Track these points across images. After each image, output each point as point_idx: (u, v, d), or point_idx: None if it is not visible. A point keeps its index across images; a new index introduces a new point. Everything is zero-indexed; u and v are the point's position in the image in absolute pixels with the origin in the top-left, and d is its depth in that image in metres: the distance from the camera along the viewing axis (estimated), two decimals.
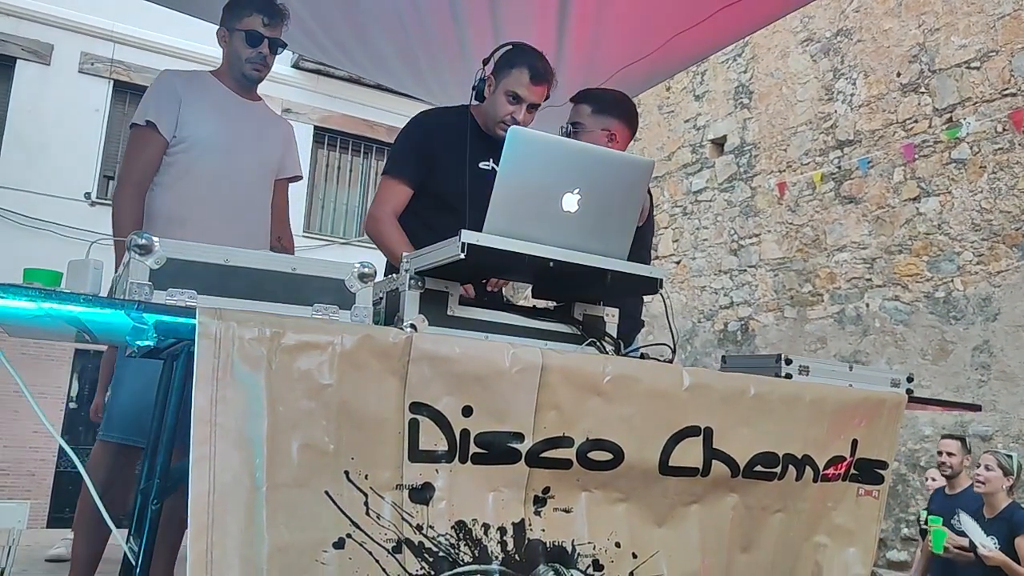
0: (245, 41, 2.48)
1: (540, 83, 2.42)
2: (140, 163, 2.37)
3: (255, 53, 2.50)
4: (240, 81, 2.54)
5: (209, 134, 2.41)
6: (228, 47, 2.53)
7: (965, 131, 7.22)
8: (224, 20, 2.55)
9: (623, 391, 1.51)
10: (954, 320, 7.16)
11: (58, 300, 1.16)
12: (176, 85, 2.45)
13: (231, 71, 2.54)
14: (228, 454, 1.18)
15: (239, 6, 2.52)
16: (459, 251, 1.49)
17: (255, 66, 2.52)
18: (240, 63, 2.51)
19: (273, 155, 2.62)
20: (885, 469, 1.83)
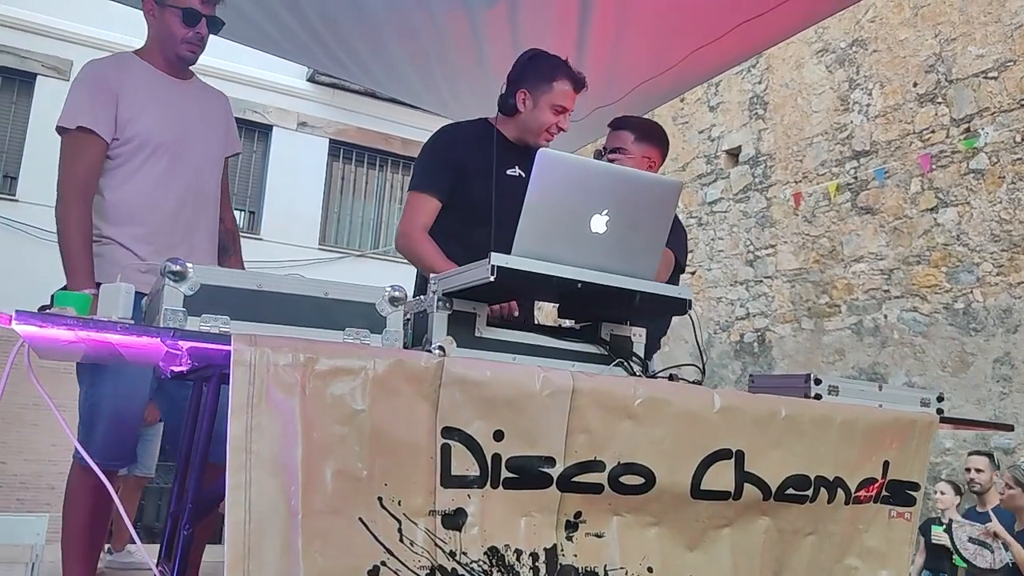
0: (182, 20, 2.25)
1: (580, 90, 2.52)
2: (81, 171, 2.16)
3: (192, 33, 2.27)
4: (173, 62, 2.32)
5: (153, 127, 2.23)
6: (158, 23, 2.29)
7: (983, 141, 7.17)
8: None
9: (654, 414, 1.51)
10: (974, 332, 7.09)
11: (96, 329, 1.16)
12: (109, 79, 2.23)
13: (162, 50, 2.30)
14: (264, 481, 1.18)
15: None
16: (489, 274, 1.50)
17: (191, 47, 2.30)
18: (174, 43, 2.28)
19: (219, 135, 2.44)
20: (917, 491, 1.81)
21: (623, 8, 3.03)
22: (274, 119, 9.80)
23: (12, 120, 8.83)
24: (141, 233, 2.19)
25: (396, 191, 11.10)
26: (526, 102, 2.48)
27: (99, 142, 2.17)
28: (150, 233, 2.20)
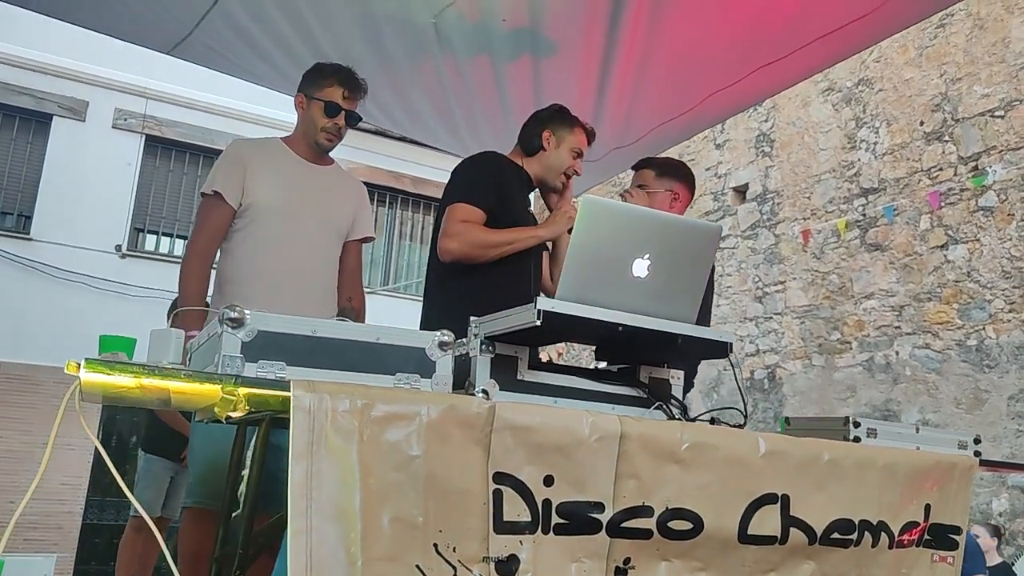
0: (324, 111, 2.51)
1: (591, 142, 2.75)
2: (206, 231, 2.44)
3: (331, 123, 2.53)
4: (312, 147, 2.58)
5: (272, 200, 2.45)
6: (304, 113, 2.57)
7: (991, 179, 7.23)
8: (303, 86, 2.59)
9: (701, 458, 1.51)
10: (988, 368, 7.08)
11: (160, 376, 1.17)
12: (243, 154, 2.51)
13: (304, 137, 2.57)
14: (324, 528, 1.19)
15: (320, 75, 2.56)
16: (535, 318, 1.51)
17: (328, 135, 2.55)
18: (314, 131, 2.54)
19: (341, 217, 2.64)
20: (959, 534, 1.80)
21: (644, 58, 3.09)
22: None
23: (27, 160, 8.96)
24: (247, 297, 2.29)
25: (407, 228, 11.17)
26: (551, 141, 2.64)
27: (226, 208, 2.43)
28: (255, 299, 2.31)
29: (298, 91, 2.61)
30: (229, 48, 3.42)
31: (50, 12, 3.30)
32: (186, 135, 9.45)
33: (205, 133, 9.49)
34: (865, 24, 2.93)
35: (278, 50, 3.39)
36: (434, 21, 2.87)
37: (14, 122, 8.97)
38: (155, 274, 8.84)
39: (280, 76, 3.70)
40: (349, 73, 2.57)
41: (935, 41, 7.83)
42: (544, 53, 3.09)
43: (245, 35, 3.29)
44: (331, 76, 2.55)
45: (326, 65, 2.62)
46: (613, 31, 2.93)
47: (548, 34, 2.96)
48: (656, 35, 2.95)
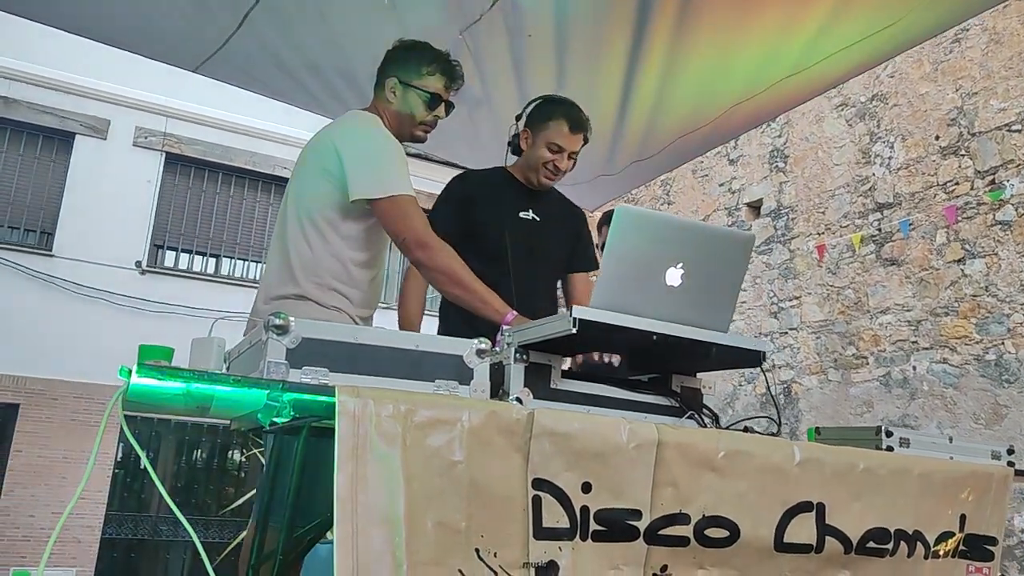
0: (426, 103, 2.33)
1: (578, 131, 2.54)
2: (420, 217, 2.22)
3: (432, 117, 2.35)
4: (400, 138, 2.35)
5: None
6: (400, 102, 2.34)
7: (1009, 193, 7.20)
8: (396, 70, 2.35)
9: (737, 467, 1.51)
10: (1007, 383, 7.02)
11: (209, 381, 1.19)
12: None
13: (397, 126, 2.34)
14: (370, 532, 1.20)
15: (418, 60, 2.35)
16: (571, 326, 1.53)
17: (427, 129, 2.38)
18: (412, 124, 2.35)
19: None
20: (995, 546, 1.79)
21: (666, 71, 3.12)
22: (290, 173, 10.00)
23: (50, 178, 9.09)
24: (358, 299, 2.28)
25: None
26: (527, 140, 2.59)
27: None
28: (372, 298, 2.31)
29: (388, 74, 2.37)
30: (255, 66, 3.47)
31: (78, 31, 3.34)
32: (205, 152, 9.56)
33: (224, 151, 9.60)
34: (884, 37, 2.96)
35: (305, 68, 3.43)
36: (461, 37, 2.90)
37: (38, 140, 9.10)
38: (174, 290, 8.92)
39: (306, 94, 3.75)
40: (448, 59, 2.39)
41: (951, 56, 7.83)
42: (568, 68, 3.12)
43: (273, 54, 3.34)
44: (433, 63, 2.35)
45: (423, 47, 2.40)
46: (637, 46, 2.95)
47: (573, 48, 2.99)
48: (679, 49, 2.98)
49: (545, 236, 2.54)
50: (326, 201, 2.19)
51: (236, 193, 9.90)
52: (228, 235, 9.78)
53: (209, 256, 9.71)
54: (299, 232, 2.22)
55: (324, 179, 2.19)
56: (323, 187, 2.19)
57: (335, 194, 2.17)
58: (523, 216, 2.56)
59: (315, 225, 2.20)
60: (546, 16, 2.81)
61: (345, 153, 2.16)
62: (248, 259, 9.88)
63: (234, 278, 9.71)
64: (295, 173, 2.36)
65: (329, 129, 2.32)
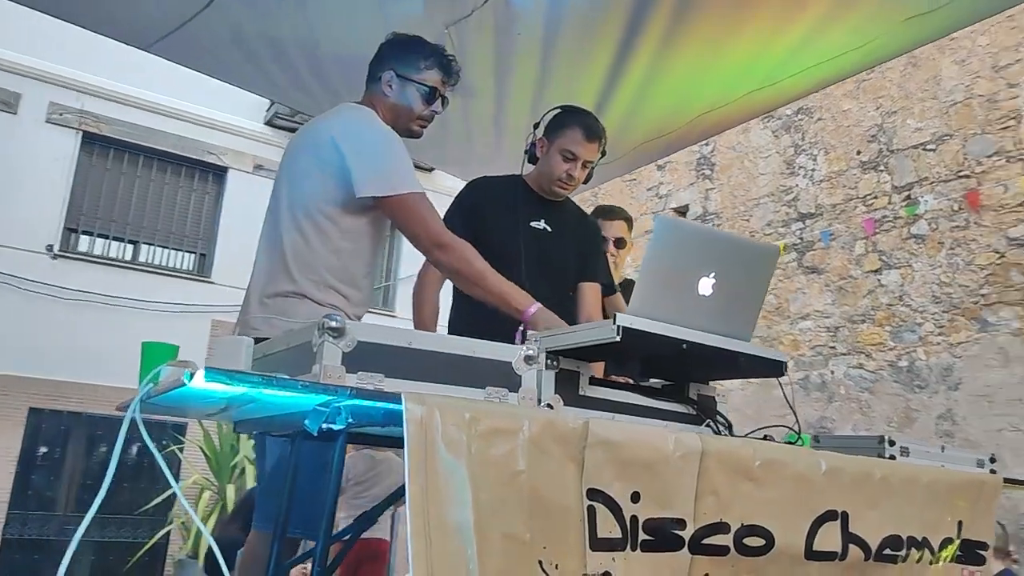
0: (423, 97, 2.28)
1: (593, 140, 2.53)
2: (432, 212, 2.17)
3: (429, 111, 2.31)
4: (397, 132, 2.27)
5: None
6: (396, 96, 2.29)
7: (923, 208, 7.61)
8: (393, 63, 2.30)
9: (772, 476, 1.53)
10: (918, 388, 7.42)
11: (280, 386, 1.12)
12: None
13: (393, 120, 2.27)
14: (444, 545, 1.15)
15: (416, 54, 2.31)
16: (615, 334, 1.52)
17: (424, 124, 2.34)
18: (409, 118, 2.30)
19: None
20: (986, 550, 1.88)
21: (648, 79, 3.15)
22: (229, 161, 9.63)
23: None
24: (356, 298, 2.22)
25: None
26: (543, 148, 2.58)
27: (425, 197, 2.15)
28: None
29: (384, 67, 2.31)
30: (218, 49, 3.31)
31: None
32: (127, 133, 9.06)
33: (148, 132, 9.12)
34: (853, 57, 3.07)
35: (272, 56, 3.31)
36: (447, 31, 2.84)
37: None
38: (90, 277, 8.43)
39: (269, 82, 3.61)
40: (445, 53, 2.35)
41: (872, 75, 8.20)
42: (550, 71, 3.10)
43: (239, 38, 3.20)
44: (430, 57, 2.31)
45: (420, 42, 2.35)
46: (622, 55, 2.97)
47: (558, 52, 2.98)
48: (661, 61, 3.01)
49: (556, 246, 2.52)
50: (325, 196, 2.11)
51: (159, 177, 9.41)
52: (149, 221, 9.29)
53: (127, 242, 9.20)
54: (294, 228, 2.13)
55: (322, 173, 2.11)
56: (321, 182, 2.11)
57: (335, 189, 2.09)
58: (534, 225, 2.53)
59: (313, 221, 2.12)
60: (537, 18, 2.79)
61: (346, 147, 2.08)
62: (170, 247, 9.43)
63: (154, 266, 9.25)
64: (286, 167, 2.26)
65: (324, 122, 2.22)
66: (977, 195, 7.08)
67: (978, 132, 7.22)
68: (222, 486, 7.21)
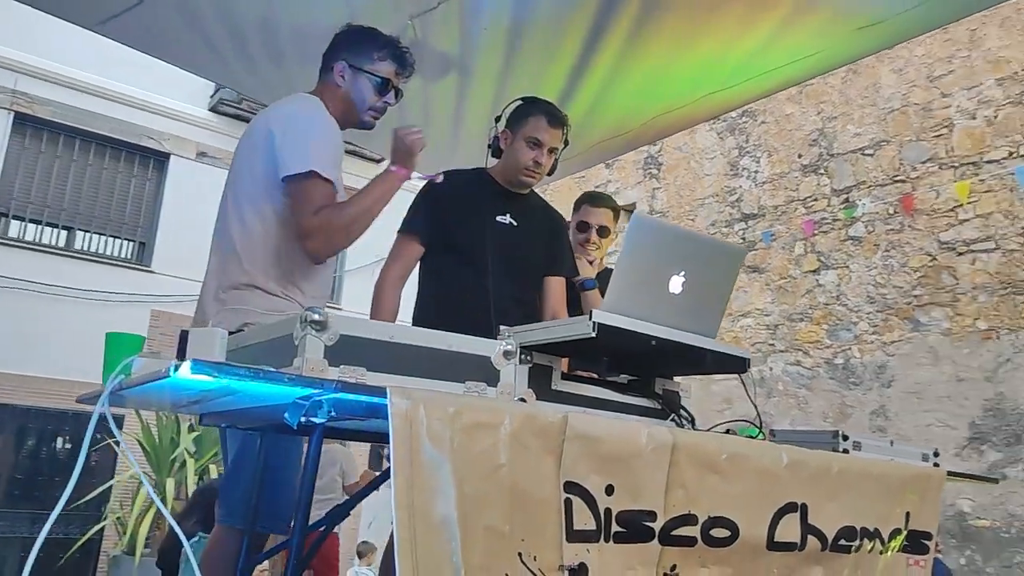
0: (375, 88, 2.28)
1: (557, 125, 2.55)
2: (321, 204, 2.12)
3: (381, 102, 2.31)
4: (347, 123, 2.32)
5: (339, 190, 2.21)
6: (349, 86, 2.28)
7: (860, 211, 7.87)
8: (346, 54, 2.29)
9: (737, 469, 1.58)
10: (853, 385, 7.68)
11: (266, 380, 1.11)
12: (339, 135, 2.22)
13: (344, 110, 2.28)
14: (429, 538, 1.16)
15: (370, 45, 2.30)
16: (590, 330, 1.54)
17: (376, 114, 2.33)
18: (361, 109, 2.29)
19: None
20: (931, 540, 1.97)
21: (611, 78, 3.18)
22: (171, 147, 9.37)
23: None
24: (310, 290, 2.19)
25: None
26: (507, 140, 2.58)
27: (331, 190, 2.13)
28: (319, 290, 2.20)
29: (336, 57, 2.30)
30: (174, 33, 3.23)
31: None
32: (62, 115, 8.71)
33: (85, 115, 8.79)
34: (808, 62, 3.16)
35: (231, 42, 3.24)
36: (411, 22, 2.83)
37: None
38: (21, 264, 8.11)
39: (226, 69, 3.54)
40: (399, 44, 2.34)
41: (814, 81, 8.43)
42: (513, 67, 3.12)
43: (195, 22, 3.12)
44: (383, 48, 2.30)
45: (374, 33, 2.34)
46: (586, 53, 3.00)
47: (523, 49, 2.99)
48: (624, 61, 3.05)
49: (522, 241, 2.53)
50: (267, 187, 2.09)
51: (96, 162, 9.08)
52: (85, 207, 8.95)
53: (62, 228, 8.86)
54: (241, 221, 2.11)
55: (263, 164, 2.09)
56: (263, 173, 2.10)
57: (275, 179, 2.07)
58: (501, 220, 2.53)
59: (258, 212, 2.10)
60: (504, 13, 2.79)
61: (277, 135, 2.08)
62: (107, 234, 9.10)
63: (91, 253, 8.92)
64: (233, 160, 2.25)
65: (266, 114, 2.22)
66: (911, 199, 7.35)
67: (913, 139, 7.50)
68: (161, 480, 7.03)
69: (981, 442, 6.62)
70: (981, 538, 6.48)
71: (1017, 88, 6.90)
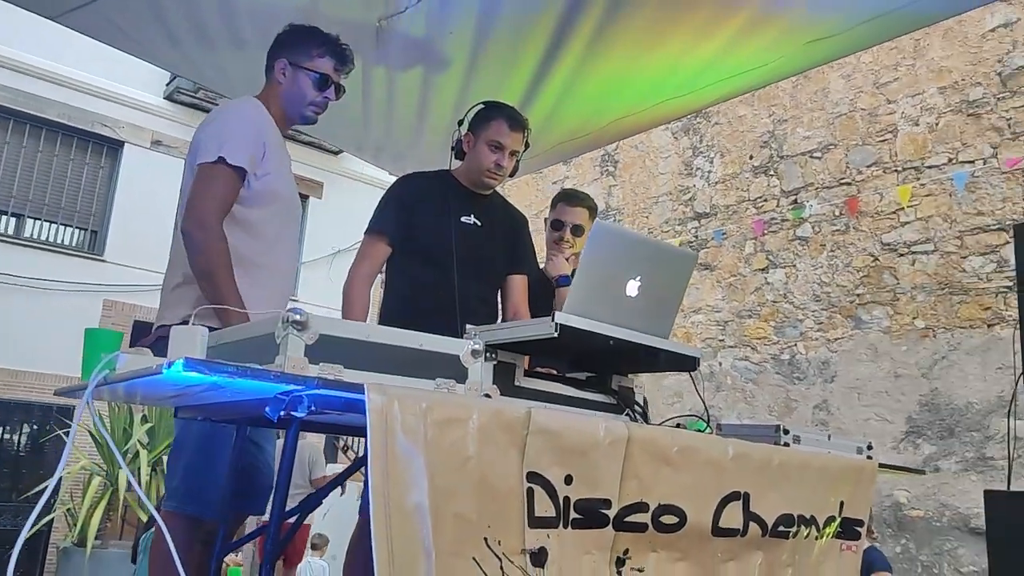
0: (315, 84, 2.36)
1: (517, 129, 2.65)
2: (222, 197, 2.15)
3: (321, 98, 2.38)
4: (290, 120, 2.42)
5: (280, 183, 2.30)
6: (289, 83, 2.37)
7: (808, 212, 8.12)
8: (286, 52, 2.39)
9: (687, 460, 1.70)
10: (797, 380, 7.94)
11: (253, 378, 1.19)
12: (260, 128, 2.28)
13: (286, 107, 2.38)
14: (403, 525, 1.26)
15: (308, 43, 2.38)
16: (553, 331, 1.65)
17: (316, 109, 2.40)
18: (301, 104, 2.37)
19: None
20: (862, 527, 2.13)
21: (571, 82, 3.29)
22: (126, 135, 9.21)
23: None
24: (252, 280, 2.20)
25: None
26: (470, 143, 2.67)
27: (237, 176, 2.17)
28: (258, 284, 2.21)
29: (277, 56, 2.40)
30: (136, 26, 3.24)
31: None
32: (11, 100, 8.50)
33: (34, 100, 8.59)
34: (763, 71, 3.31)
35: (194, 36, 3.26)
36: (378, 24, 2.90)
37: None
38: None
39: (188, 63, 3.56)
40: (338, 42, 2.42)
41: None
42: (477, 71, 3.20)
43: (159, 14, 3.14)
44: (321, 45, 2.38)
45: (313, 31, 2.42)
46: (548, 59, 3.10)
47: (487, 53, 3.08)
48: (585, 68, 3.16)
49: (486, 241, 2.62)
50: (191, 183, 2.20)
51: (47, 148, 8.88)
52: (36, 194, 8.76)
53: (11, 216, 8.67)
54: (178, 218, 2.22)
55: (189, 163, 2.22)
56: (189, 170, 2.22)
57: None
58: (465, 221, 2.62)
59: None
60: (470, 19, 2.88)
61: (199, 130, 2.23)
62: (58, 222, 8.92)
63: (41, 242, 8.75)
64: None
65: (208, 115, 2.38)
66: (856, 202, 7.62)
67: (859, 143, 7.77)
68: (113, 472, 6.97)
69: (917, 436, 6.92)
70: (915, 527, 6.78)
71: (957, 97, 7.20)
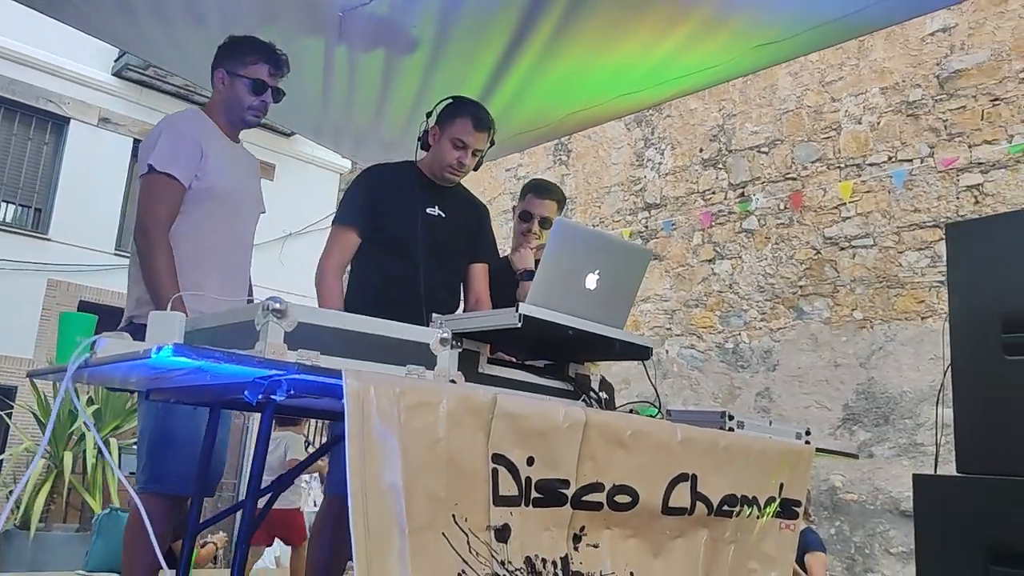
0: (251, 89, 2.49)
1: (482, 130, 2.71)
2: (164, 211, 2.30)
3: (259, 101, 2.51)
4: (234, 125, 2.55)
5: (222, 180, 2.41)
6: (227, 91, 2.51)
7: (754, 205, 8.36)
8: (223, 63, 2.53)
9: (640, 444, 1.82)
10: (741, 368, 8.20)
11: (238, 363, 1.25)
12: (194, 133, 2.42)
13: (227, 113, 2.53)
14: (378, 502, 1.34)
15: (242, 52, 2.51)
16: (516, 321, 1.74)
17: (255, 113, 2.53)
18: (240, 109, 2.51)
19: (259, 194, 2.67)
20: (799, 507, 2.28)
21: (531, 76, 3.37)
22: (72, 111, 8.98)
23: None
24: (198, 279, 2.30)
25: None
26: (435, 137, 2.71)
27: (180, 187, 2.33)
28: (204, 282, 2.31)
29: (216, 67, 2.54)
30: (94, 4, 3.22)
31: None
32: None
33: None
34: (716, 70, 3.44)
35: (155, 18, 3.25)
36: (341, 15, 2.94)
37: None
38: None
39: (146, 44, 3.55)
40: (272, 49, 2.54)
41: None
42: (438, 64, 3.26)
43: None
44: (254, 52, 2.51)
45: (247, 40, 2.56)
46: (509, 53, 3.18)
47: (450, 44, 3.14)
48: (545, 62, 3.24)
49: (449, 232, 2.68)
50: None
51: None
52: None
53: None
54: None
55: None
56: None
57: None
58: (430, 212, 2.67)
59: None
60: (432, 13, 2.94)
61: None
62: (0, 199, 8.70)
63: None
64: None
65: None
66: (800, 196, 7.87)
67: (805, 139, 8.02)
68: (58, 453, 6.86)
69: (853, 423, 7.22)
70: (849, 510, 7.09)
71: (897, 97, 7.48)
